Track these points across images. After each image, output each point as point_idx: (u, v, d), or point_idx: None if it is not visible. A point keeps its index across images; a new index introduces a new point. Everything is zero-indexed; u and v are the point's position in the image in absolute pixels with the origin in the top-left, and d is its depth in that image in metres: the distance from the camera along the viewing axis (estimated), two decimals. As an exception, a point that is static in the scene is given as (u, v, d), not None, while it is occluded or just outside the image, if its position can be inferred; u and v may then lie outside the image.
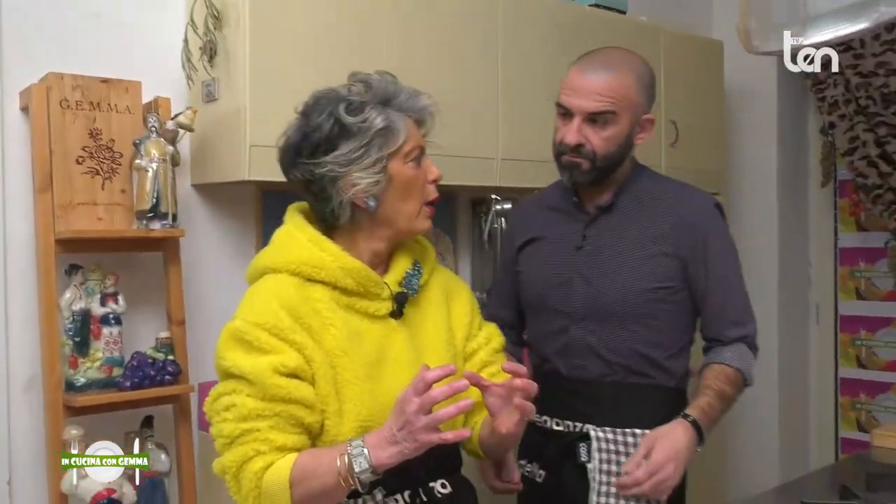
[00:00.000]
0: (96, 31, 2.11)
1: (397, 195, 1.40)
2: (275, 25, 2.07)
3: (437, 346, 1.48)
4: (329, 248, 1.39)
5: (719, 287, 1.73)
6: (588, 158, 1.69)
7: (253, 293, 1.39)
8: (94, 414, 1.96)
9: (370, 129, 1.35)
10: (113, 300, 2.00)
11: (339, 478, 1.25)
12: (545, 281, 1.79)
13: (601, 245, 1.74)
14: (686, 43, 3.21)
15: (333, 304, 1.38)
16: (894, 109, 3.24)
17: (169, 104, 2.11)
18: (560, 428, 1.76)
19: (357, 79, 1.42)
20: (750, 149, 3.73)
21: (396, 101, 1.39)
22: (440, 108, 1.47)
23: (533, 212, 1.92)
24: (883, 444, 2.07)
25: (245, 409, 1.29)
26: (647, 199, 1.76)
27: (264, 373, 1.29)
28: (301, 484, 1.27)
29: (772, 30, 1.22)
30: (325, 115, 1.37)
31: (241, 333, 1.32)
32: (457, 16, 2.49)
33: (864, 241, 3.70)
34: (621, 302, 1.70)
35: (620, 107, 1.67)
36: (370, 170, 1.36)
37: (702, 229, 1.72)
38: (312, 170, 1.37)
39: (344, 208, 1.39)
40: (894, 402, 3.61)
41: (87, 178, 1.99)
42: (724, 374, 1.69)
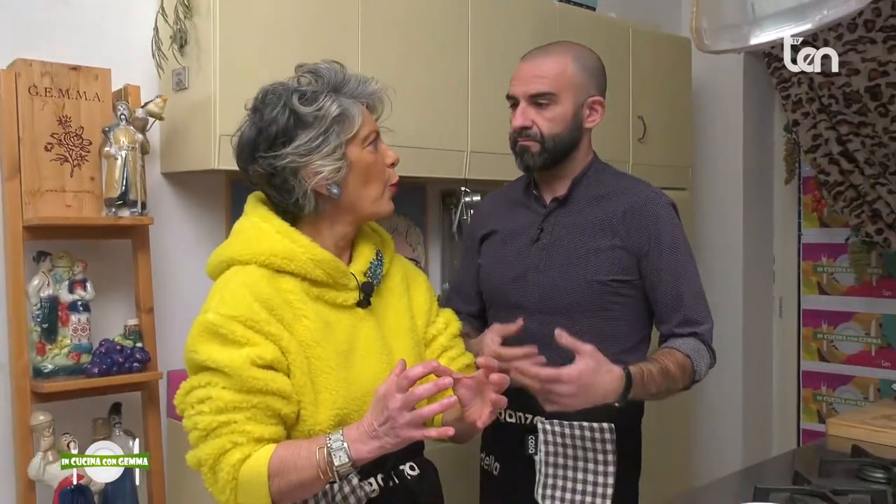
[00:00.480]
0: (66, 18, 2.11)
1: (359, 180, 1.41)
2: (245, 15, 2.08)
3: (401, 333, 1.50)
4: (299, 239, 1.39)
5: (671, 283, 1.73)
6: (536, 140, 1.73)
7: (223, 286, 1.38)
8: (62, 400, 1.97)
9: (326, 116, 1.36)
10: (81, 287, 2.00)
11: (318, 471, 1.27)
12: (502, 274, 1.81)
13: (556, 238, 1.76)
14: (654, 40, 3.26)
15: (304, 296, 1.39)
16: (856, 108, 3.30)
17: (139, 92, 2.12)
18: (512, 420, 1.77)
19: (305, 70, 1.42)
20: (716, 145, 3.79)
21: (347, 88, 1.40)
22: (391, 94, 1.48)
23: (495, 205, 1.94)
24: (837, 432, 2.13)
25: (222, 401, 1.29)
26: (603, 192, 1.77)
27: (242, 365, 1.29)
28: (279, 476, 1.28)
29: (722, 30, 1.26)
30: (280, 108, 1.37)
31: (215, 327, 1.31)
32: (427, 8, 2.52)
33: (827, 237, 3.78)
34: (574, 294, 1.71)
35: (559, 87, 1.71)
36: (331, 157, 1.37)
37: (654, 224, 1.73)
38: (273, 163, 1.37)
39: (308, 198, 1.39)
40: (853, 395, 3.70)
41: (56, 165, 1.99)
42: (673, 356, 1.67)
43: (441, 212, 2.98)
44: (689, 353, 1.69)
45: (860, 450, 1.87)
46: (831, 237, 3.75)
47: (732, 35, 1.24)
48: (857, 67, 3.28)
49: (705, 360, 1.72)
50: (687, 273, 1.75)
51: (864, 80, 3.27)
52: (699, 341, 1.72)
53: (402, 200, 2.91)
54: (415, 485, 1.48)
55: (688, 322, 1.73)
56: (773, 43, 1.22)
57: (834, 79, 3.34)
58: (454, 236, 2.93)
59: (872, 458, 1.80)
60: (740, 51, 1.30)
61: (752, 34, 1.21)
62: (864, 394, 3.67)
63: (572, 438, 1.69)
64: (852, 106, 3.31)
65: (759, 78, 3.74)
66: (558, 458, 1.70)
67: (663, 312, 1.75)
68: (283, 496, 1.29)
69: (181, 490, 2.13)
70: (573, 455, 1.71)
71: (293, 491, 1.29)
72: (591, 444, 1.69)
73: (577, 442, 1.69)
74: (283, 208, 1.44)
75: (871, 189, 3.31)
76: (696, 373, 1.69)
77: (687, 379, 1.68)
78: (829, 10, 1.08)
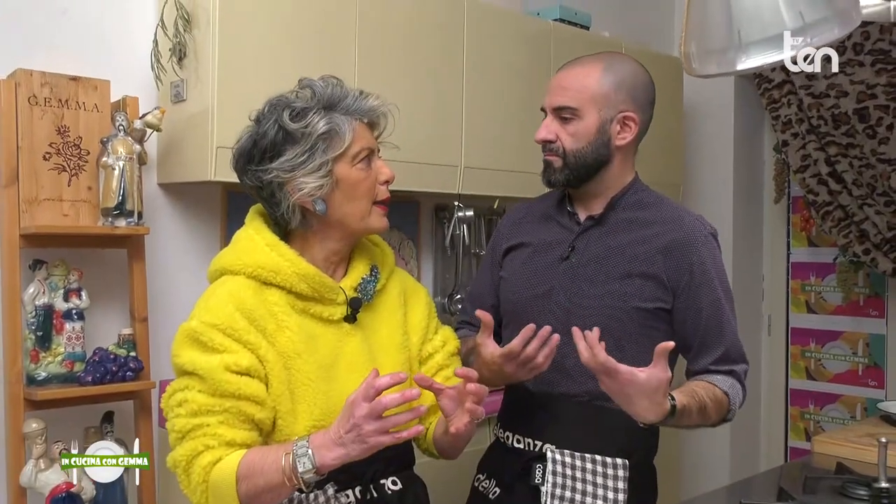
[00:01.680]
0: (66, 29, 2.14)
1: (344, 197, 1.42)
2: (243, 29, 2.12)
3: (390, 349, 1.51)
4: (286, 253, 1.41)
5: (712, 318, 1.63)
6: (558, 155, 1.65)
7: (210, 295, 1.42)
8: (55, 408, 1.98)
9: (312, 133, 1.37)
10: (76, 296, 2.02)
11: (283, 476, 1.27)
12: (526, 289, 1.71)
13: (587, 258, 1.66)
14: (646, 59, 3.25)
15: (289, 308, 1.41)
16: (844, 130, 3.36)
17: (137, 103, 2.14)
18: (520, 445, 1.68)
19: (303, 84, 1.44)
20: (706, 164, 3.85)
21: (343, 105, 1.41)
22: (393, 110, 1.48)
23: (523, 217, 1.83)
24: (822, 450, 2.15)
25: (196, 404, 1.32)
26: (642, 217, 1.67)
27: (215, 370, 1.32)
28: (247, 479, 1.29)
29: (710, 55, 1.29)
30: (271, 123, 1.39)
31: (196, 334, 1.34)
32: (422, 24, 2.56)
33: (815, 257, 3.83)
34: (599, 319, 1.58)
35: (582, 100, 1.62)
36: (315, 174, 1.38)
37: (694, 257, 1.63)
38: (261, 176, 1.40)
39: (293, 212, 1.41)
40: (840, 413, 3.74)
41: (54, 174, 2.01)
42: (714, 393, 1.57)
43: (434, 226, 3.01)
44: (727, 392, 1.61)
45: (844, 467, 1.90)
46: (820, 256, 3.80)
47: (719, 60, 1.28)
48: (845, 90, 3.34)
49: (739, 401, 1.65)
50: (726, 310, 1.66)
51: (852, 103, 3.33)
52: (735, 380, 1.65)
53: (395, 214, 2.94)
54: (395, 500, 1.47)
55: (727, 359, 1.65)
56: (759, 69, 1.26)
57: (823, 100, 3.40)
58: (447, 250, 2.96)
59: (856, 475, 1.82)
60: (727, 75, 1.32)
61: (739, 60, 1.24)
62: (850, 412, 3.70)
63: (583, 472, 1.60)
64: (841, 127, 3.37)
65: (750, 98, 3.80)
66: (566, 491, 1.60)
67: (701, 348, 1.65)
68: (250, 500, 1.30)
69: (172, 499, 2.14)
70: (582, 490, 1.60)
71: (260, 495, 1.30)
72: (603, 480, 1.59)
73: (588, 476, 1.60)
74: (275, 220, 1.46)
75: (858, 209, 3.36)
76: (729, 411, 1.62)
77: (719, 418, 1.61)
78: (814, 37, 1.12)
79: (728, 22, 1.22)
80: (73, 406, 2.01)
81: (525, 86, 2.81)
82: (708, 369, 1.65)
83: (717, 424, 1.64)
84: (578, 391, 1.59)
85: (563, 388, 1.60)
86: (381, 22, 2.43)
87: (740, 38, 1.20)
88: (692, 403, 1.50)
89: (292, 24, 2.22)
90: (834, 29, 1.16)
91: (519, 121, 2.75)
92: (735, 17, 1.21)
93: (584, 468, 1.60)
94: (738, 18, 1.20)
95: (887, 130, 3.27)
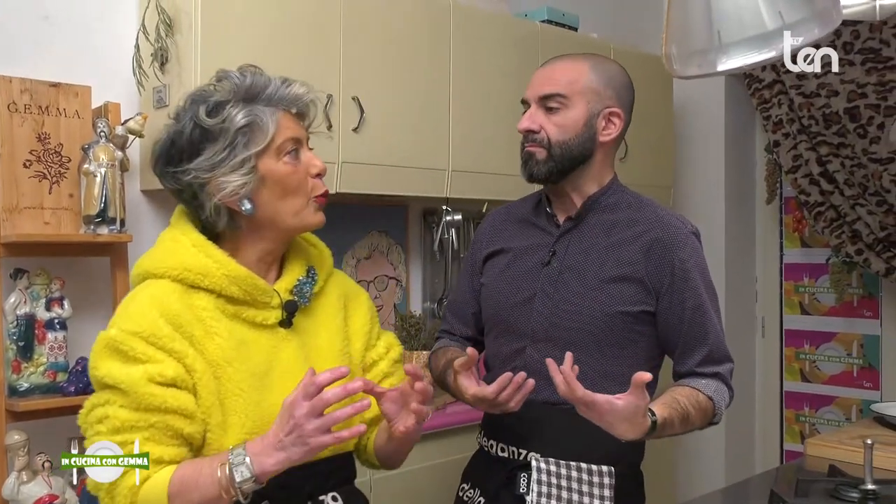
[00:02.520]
0: (47, 35, 2.14)
1: (274, 194, 1.34)
2: (226, 33, 2.12)
3: (330, 355, 1.43)
4: (214, 253, 1.33)
5: (695, 319, 1.63)
6: (542, 146, 1.62)
7: (130, 300, 1.33)
8: (38, 419, 1.98)
9: (230, 128, 1.29)
10: (58, 305, 2.02)
11: (219, 489, 1.21)
12: (507, 297, 1.70)
13: (568, 262, 1.65)
14: (635, 60, 3.31)
15: (218, 313, 1.32)
16: (835, 129, 3.38)
17: (119, 109, 2.15)
18: (504, 454, 1.67)
19: (220, 76, 1.36)
20: (698, 165, 3.86)
21: (265, 95, 1.33)
22: (318, 98, 1.42)
23: (502, 221, 1.82)
24: (815, 452, 2.16)
25: (118, 420, 1.23)
26: (623, 217, 1.67)
27: (138, 382, 1.23)
28: (180, 496, 1.22)
29: (691, 56, 1.30)
30: (188, 120, 1.32)
31: (115, 343, 1.25)
32: (408, 26, 2.57)
33: (808, 257, 3.85)
34: (583, 324, 1.60)
35: (571, 90, 1.62)
36: (238, 171, 1.30)
37: (675, 257, 1.62)
38: (179, 178, 1.32)
39: (219, 214, 1.34)
40: (835, 416, 3.75)
41: (35, 181, 2.01)
42: (696, 399, 1.57)
43: (423, 231, 3.02)
44: (711, 396, 1.60)
45: (837, 469, 1.91)
46: (812, 257, 3.82)
47: (700, 61, 1.29)
48: (836, 89, 3.36)
49: (725, 403, 1.65)
50: (710, 310, 1.67)
51: (843, 102, 3.35)
52: (721, 382, 1.65)
53: (383, 219, 2.98)
54: None
55: (711, 360, 1.65)
56: (741, 70, 1.27)
57: (814, 100, 3.42)
58: (436, 255, 2.97)
59: (849, 477, 1.83)
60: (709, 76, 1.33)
61: (719, 61, 1.25)
62: (846, 414, 3.72)
63: (568, 480, 1.60)
64: (832, 127, 3.39)
65: (741, 98, 3.82)
66: (551, 500, 1.60)
67: (685, 349, 1.65)
68: None
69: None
70: (567, 498, 1.59)
71: None
72: (588, 489, 1.59)
73: (574, 484, 1.59)
74: (203, 224, 1.39)
75: (850, 210, 3.38)
76: (715, 415, 1.62)
77: (705, 422, 1.61)
78: (795, 37, 1.13)
79: (708, 23, 1.23)
80: (56, 417, 2.00)
81: (513, 88, 2.81)
82: (693, 371, 1.65)
83: (704, 427, 1.65)
84: (562, 399, 1.56)
85: (547, 395, 1.57)
86: (366, 24, 2.44)
87: (720, 38, 1.21)
88: (674, 415, 1.50)
89: (276, 28, 2.22)
90: (814, 29, 1.17)
91: (507, 123, 2.74)
92: (715, 18, 1.22)
93: (569, 476, 1.60)
94: (717, 19, 1.21)
95: (878, 130, 3.29)
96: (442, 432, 2.46)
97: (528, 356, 1.64)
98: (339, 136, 2.37)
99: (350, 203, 2.73)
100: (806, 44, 1.16)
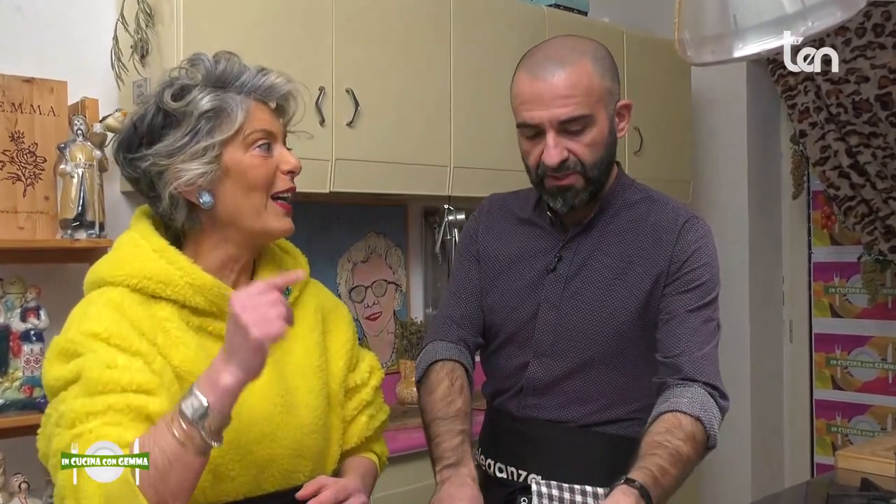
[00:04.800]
0: (20, 28, 2.15)
1: (236, 188, 1.30)
2: (210, 22, 2.13)
3: (306, 371, 1.39)
4: (177, 260, 1.29)
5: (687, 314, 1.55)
6: (577, 172, 1.51)
7: (87, 303, 1.28)
8: (14, 437, 1.98)
9: (193, 112, 1.28)
10: (34, 315, 2.03)
11: (179, 439, 1.12)
12: (509, 309, 1.64)
13: (577, 269, 1.59)
14: (650, 46, 3.33)
15: (183, 325, 1.28)
16: (866, 118, 3.38)
17: (97, 106, 2.15)
18: (503, 475, 1.63)
19: (192, 61, 1.34)
20: (718, 157, 3.86)
21: (238, 83, 1.31)
22: (302, 90, 1.40)
23: (499, 219, 1.74)
24: (846, 465, 2.16)
25: (73, 412, 1.16)
26: (632, 216, 1.61)
27: (92, 366, 1.17)
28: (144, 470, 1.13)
29: (705, 42, 1.30)
30: (151, 104, 1.30)
31: (73, 345, 1.20)
32: (406, 13, 2.57)
33: (838, 256, 3.84)
34: (593, 338, 1.55)
35: (591, 104, 1.49)
36: (199, 159, 1.27)
37: (682, 250, 1.56)
38: (137, 164, 1.30)
39: (176, 206, 1.31)
40: (870, 426, 3.74)
41: (8, 184, 2.02)
42: (680, 428, 1.44)
43: (423, 231, 3.03)
44: (699, 417, 1.46)
45: (870, 483, 1.91)
46: (843, 255, 3.81)
47: (714, 47, 1.29)
48: (866, 74, 3.36)
49: (717, 417, 1.50)
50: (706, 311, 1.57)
51: (874, 88, 3.35)
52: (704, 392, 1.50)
53: (381, 220, 2.98)
54: None
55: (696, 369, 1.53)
56: (758, 56, 1.28)
57: (842, 86, 3.41)
58: (437, 257, 2.97)
59: (882, 491, 1.84)
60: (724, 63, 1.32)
61: (735, 47, 1.26)
62: (881, 424, 3.71)
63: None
64: (862, 115, 3.38)
65: (764, 85, 3.82)
66: None
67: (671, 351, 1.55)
68: (159, 495, 1.13)
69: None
70: None
71: (165, 480, 1.13)
72: None
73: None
74: (165, 221, 1.35)
75: (883, 204, 3.37)
76: (709, 438, 1.47)
77: (701, 450, 1.47)
78: (815, 21, 1.13)
79: (723, 6, 1.23)
80: (34, 435, 2.00)
81: (518, 78, 2.82)
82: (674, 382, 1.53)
83: (703, 455, 1.52)
84: (565, 416, 1.53)
85: (550, 413, 1.55)
86: (360, 11, 2.44)
87: (736, 23, 1.21)
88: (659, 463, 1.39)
89: (263, 17, 2.23)
90: (836, 13, 1.17)
91: (512, 116, 2.75)
92: (730, 2, 1.22)
93: (573, 501, 1.56)
94: (733, 3, 1.22)
95: (912, 118, 3.29)
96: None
97: (531, 370, 1.60)
98: (333, 132, 2.38)
99: (345, 203, 2.74)
100: (825, 28, 1.17)
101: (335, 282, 2.83)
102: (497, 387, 1.68)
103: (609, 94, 1.53)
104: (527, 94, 1.51)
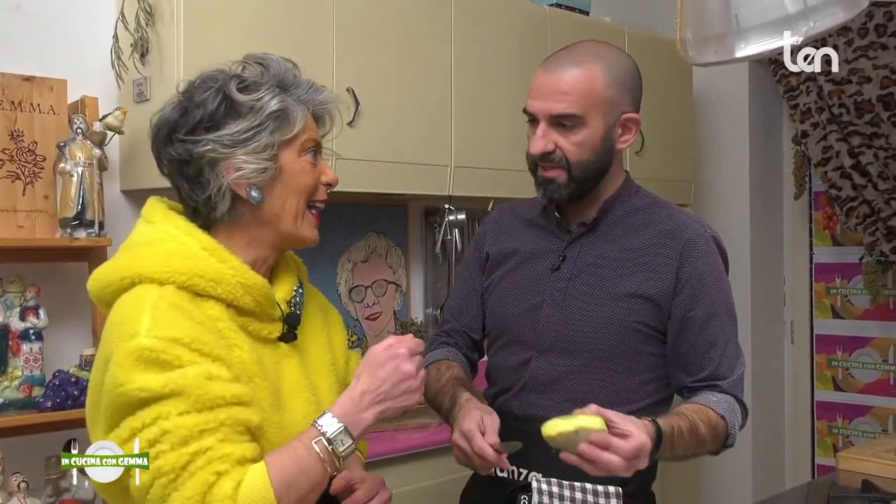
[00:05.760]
0: (20, 27, 2.15)
1: (284, 189, 1.33)
2: (211, 21, 2.14)
3: (325, 371, 1.44)
4: (229, 259, 1.29)
5: (700, 330, 1.60)
6: (561, 167, 1.58)
7: (140, 302, 1.23)
8: (13, 437, 1.99)
9: (263, 110, 1.30)
10: (33, 314, 2.03)
11: (324, 466, 1.23)
12: (512, 304, 1.69)
13: (580, 269, 1.64)
14: (652, 45, 3.33)
15: (234, 325, 1.28)
16: (868, 118, 3.38)
17: (97, 104, 2.16)
18: (503, 474, 1.65)
19: (253, 59, 1.36)
20: (720, 158, 3.87)
21: (296, 91, 1.35)
22: (341, 107, 1.46)
23: (508, 220, 1.80)
24: (847, 466, 2.16)
25: (184, 429, 1.15)
26: (638, 222, 1.65)
27: (196, 379, 1.16)
28: (290, 488, 1.19)
29: (707, 42, 1.30)
30: (213, 91, 1.30)
31: (154, 353, 1.16)
32: (406, 12, 2.57)
33: (840, 257, 3.84)
34: (594, 336, 1.59)
35: (587, 106, 1.55)
36: (259, 155, 1.29)
37: (689, 265, 1.60)
38: (190, 148, 1.28)
39: (222, 197, 1.30)
40: (871, 427, 3.74)
41: (7, 182, 2.03)
42: (706, 415, 1.53)
43: (424, 231, 3.03)
44: (723, 414, 1.56)
45: (871, 485, 1.92)
46: (845, 256, 3.81)
47: (717, 47, 1.29)
48: (868, 75, 3.36)
49: (738, 423, 1.61)
50: (725, 322, 1.64)
51: (876, 89, 3.35)
52: (733, 399, 1.61)
53: (381, 220, 2.99)
54: None
55: (721, 377, 1.62)
56: (760, 56, 1.28)
57: (844, 87, 3.41)
58: (438, 257, 2.97)
59: (883, 493, 1.84)
60: (727, 63, 1.33)
61: (737, 46, 1.26)
62: (882, 426, 3.71)
63: (572, 502, 1.58)
64: (864, 116, 3.39)
65: (766, 85, 3.82)
66: None
67: (691, 363, 1.62)
68: None
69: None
70: None
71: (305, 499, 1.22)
72: None
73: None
74: (194, 209, 1.34)
75: (885, 205, 3.38)
76: (728, 437, 1.58)
77: (718, 443, 1.57)
78: (817, 21, 1.13)
79: (726, 6, 1.24)
80: (33, 434, 2.02)
81: (519, 77, 2.82)
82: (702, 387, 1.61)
83: (718, 452, 1.62)
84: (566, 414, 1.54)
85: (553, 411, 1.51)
86: (361, 10, 2.44)
87: (738, 22, 1.22)
88: (680, 425, 1.46)
89: (264, 15, 2.23)
90: (839, 12, 1.18)
91: (513, 115, 2.72)
92: (733, 1, 1.22)
93: (573, 498, 1.58)
94: (735, 2, 1.22)
95: (914, 118, 3.29)
96: (441, 450, 2.46)
97: (533, 368, 1.63)
98: (333, 131, 2.37)
99: (345, 203, 2.74)
100: (827, 29, 1.17)
101: (335, 281, 2.83)
102: (499, 386, 1.72)
103: (611, 103, 1.58)
104: (534, 84, 1.61)
